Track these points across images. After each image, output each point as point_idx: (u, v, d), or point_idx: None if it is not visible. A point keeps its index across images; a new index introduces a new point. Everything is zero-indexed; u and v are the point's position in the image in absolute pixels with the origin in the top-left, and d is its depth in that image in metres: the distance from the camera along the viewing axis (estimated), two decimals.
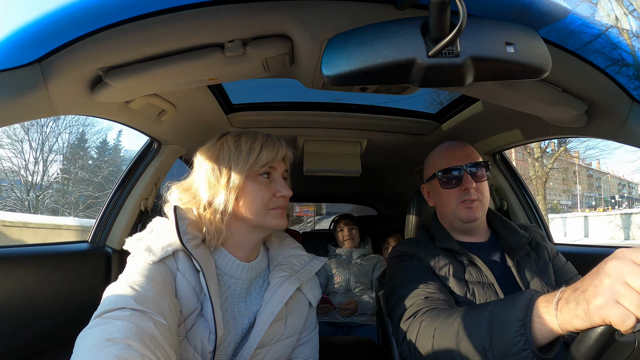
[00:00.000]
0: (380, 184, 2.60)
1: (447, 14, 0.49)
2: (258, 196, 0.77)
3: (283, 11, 0.62)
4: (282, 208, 0.80)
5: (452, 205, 1.00)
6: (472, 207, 0.98)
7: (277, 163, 0.82)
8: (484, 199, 0.99)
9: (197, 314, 0.71)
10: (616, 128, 0.85)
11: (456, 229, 1.04)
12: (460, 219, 0.99)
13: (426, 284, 0.91)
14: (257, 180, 0.79)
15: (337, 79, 0.55)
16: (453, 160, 1.00)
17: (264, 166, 0.78)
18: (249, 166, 0.77)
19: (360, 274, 2.17)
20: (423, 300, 0.86)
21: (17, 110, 0.63)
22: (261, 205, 0.78)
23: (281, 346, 0.80)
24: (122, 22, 0.58)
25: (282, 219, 0.80)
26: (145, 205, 1.39)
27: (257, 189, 0.78)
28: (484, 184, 1.00)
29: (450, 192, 1.00)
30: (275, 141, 0.82)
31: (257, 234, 0.83)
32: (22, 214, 7.32)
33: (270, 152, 0.79)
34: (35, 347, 1.02)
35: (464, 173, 0.98)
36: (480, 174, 0.99)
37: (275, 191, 0.79)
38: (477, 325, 0.70)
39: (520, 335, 0.61)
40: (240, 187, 0.77)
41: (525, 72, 0.58)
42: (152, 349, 0.51)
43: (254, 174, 0.78)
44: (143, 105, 0.98)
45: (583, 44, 0.69)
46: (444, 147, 1.07)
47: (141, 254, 0.69)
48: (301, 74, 0.85)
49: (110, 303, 0.58)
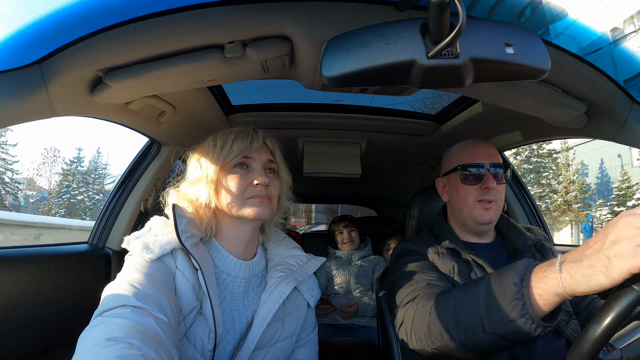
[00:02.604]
0: (380, 185, 2.60)
1: (446, 15, 0.49)
2: (232, 186, 0.79)
3: (283, 12, 0.62)
4: (262, 197, 0.80)
5: (469, 203, 0.98)
6: (489, 207, 0.96)
7: (254, 153, 0.83)
8: (500, 201, 0.99)
9: (197, 313, 0.72)
10: (616, 129, 0.85)
11: (466, 228, 1.03)
12: (474, 219, 0.98)
13: (428, 273, 0.90)
14: (232, 172, 0.81)
15: (337, 80, 0.55)
16: (477, 157, 0.99)
17: (237, 157, 0.81)
18: (222, 158, 0.80)
19: (360, 275, 2.16)
20: (424, 287, 0.85)
21: (16, 111, 0.63)
22: (237, 195, 0.79)
23: (280, 347, 0.80)
24: (122, 23, 0.59)
25: (261, 207, 0.79)
26: (145, 206, 1.38)
27: (232, 179, 0.80)
28: (502, 186, 1.00)
29: (470, 188, 0.99)
30: (249, 132, 0.83)
31: (243, 226, 0.83)
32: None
33: (243, 143, 0.81)
34: (35, 348, 1.02)
35: (486, 172, 0.97)
36: (501, 176, 0.99)
37: (252, 180, 0.80)
38: (474, 295, 0.68)
39: (518, 299, 0.58)
40: (217, 180, 0.80)
41: (524, 73, 0.58)
42: (153, 347, 0.51)
43: (229, 165, 0.81)
44: (143, 106, 0.98)
45: (582, 44, 0.70)
46: (468, 142, 1.05)
47: (139, 252, 0.70)
48: (301, 75, 0.85)
49: (111, 301, 0.57)
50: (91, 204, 29.59)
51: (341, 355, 1.49)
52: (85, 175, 31.73)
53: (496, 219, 1.00)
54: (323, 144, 1.59)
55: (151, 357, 0.49)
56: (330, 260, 2.26)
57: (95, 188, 31.69)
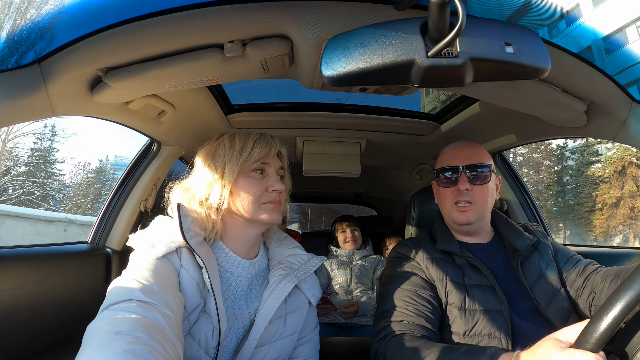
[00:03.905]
0: (380, 185, 2.60)
1: (446, 15, 0.49)
2: (251, 191, 0.80)
3: (282, 12, 0.62)
4: (275, 203, 0.82)
5: (447, 205, 1.00)
6: (465, 210, 0.97)
7: (270, 159, 0.83)
8: (480, 202, 0.97)
9: (200, 310, 0.72)
10: (616, 128, 0.85)
11: (455, 230, 1.04)
12: (453, 220, 0.99)
13: (409, 302, 0.91)
14: (250, 176, 0.81)
15: (337, 79, 0.55)
16: (453, 160, 1.00)
17: (257, 162, 0.81)
18: (241, 162, 0.80)
19: (361, 275, 2.17)
20: (397, 324, 0.87)
21: (16, 110, 0.63)
22: (254, 200, 0.80)
23: (281, 344, 0.81)
24: (121, 22, 0.59)
25: (275, 213, 0.82)
26: (145, 205, 1.38)
27: (250, 184, 0.80)
28: (483, 187, 0.98)
29: (446, 191, 1.00)
30: (268, 138, 0.84)
31: (252, 229, 0.84)
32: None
33: (262, 149, 0.81)
34: (35, 347, 1.02)
35: (461, 174, 0.97)
36: (480, 176, 0.97)
37: (268, 186, 0.81)
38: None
39: None
40: (234, 183, 0.80)
41: (524, 72, 0.58)
42: (159, 340, 0.51)
43: (247, 169, 0.81)
44: (142, 105, 0.98)
45: (582, 44, 0.70)
46: (452, 145, 1.06)
47: (145, 250, 0.71)
48: (301, 75, 0.85)
49: (117, 295, 0.58)
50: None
51: (341, 355, 1.49)
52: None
53: (478, 219, 0.98)
54: (323, 144, 1.59)
55: (157, 351, 0.49)
56: (331, 260, 2.27)
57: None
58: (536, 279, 0.95)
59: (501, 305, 0.89)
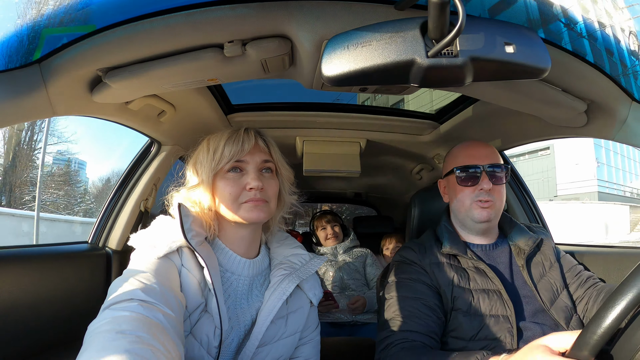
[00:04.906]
0: (380, 185, 2.60)
1: (446, 15, 0.49)
2: (226, 192, 0.79)
3: (282, 12, 0.62)
4: (256, 201, 0.79)
5: (466, 204, 0.99)
6: (486, 207, 0.97)
7: (247, 156, 0.81)
8: (499, 201, 0.99)
9: (202, 310, 0.72)
10: (615, 128, 0.85)
11: (467, 228, 1.03)
12: (472, 218, 0.99)
13: (415, 312, 0.91)
14: (225, 177, 0.80)
15: (337, 79, 0.55)
16: (473, 159, 1.00)
17: (229, 161, 0.79)
18: (214, 164, 0.79)
19: (351, 272, 2.14)
20: (400, 333, 0.88)
21: (16, 110, 0.63)
22: (232, 201, 0.79)
23: (283, 344, 0.81)
24: (121, 22, 0.58)
25: (254, 211, 0.79)
26: (145, 206, 1.38)
27: (226, 184, 0.79)
28: (502, 187, 1.00)
29: (466, 190, 0.99)
30: (241, 135, 0.81)
31: (243, 229, 0.83)
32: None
33: (234, 146, 0.79)
34: (35, 347, 1.01)
35: (482, 173, 0.97)
36: (499, 176, 0.98)
37: (246, 184, 0.79)
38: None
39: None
40: (212, 186, 0.80)
41: (524, 72, 0.58)
42: (161, 340, 0.51)
43: (222, 171, 0.80)
44: (142, 106, 0.98)
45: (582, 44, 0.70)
46: (466, 144, 1.06)
47: (146, 249, 0.71)
48: (301, 75, 0.85)
49: (118, 295, 0.58)
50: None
51: (341, 355, 1.49)
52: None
53: (495, 217, 1.00)
54: (323, 143, 1.59)
55: (159, 350, 0.49)
56: None
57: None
58: (540, 278, 0.95)
59: (507, 309, 0.89)
